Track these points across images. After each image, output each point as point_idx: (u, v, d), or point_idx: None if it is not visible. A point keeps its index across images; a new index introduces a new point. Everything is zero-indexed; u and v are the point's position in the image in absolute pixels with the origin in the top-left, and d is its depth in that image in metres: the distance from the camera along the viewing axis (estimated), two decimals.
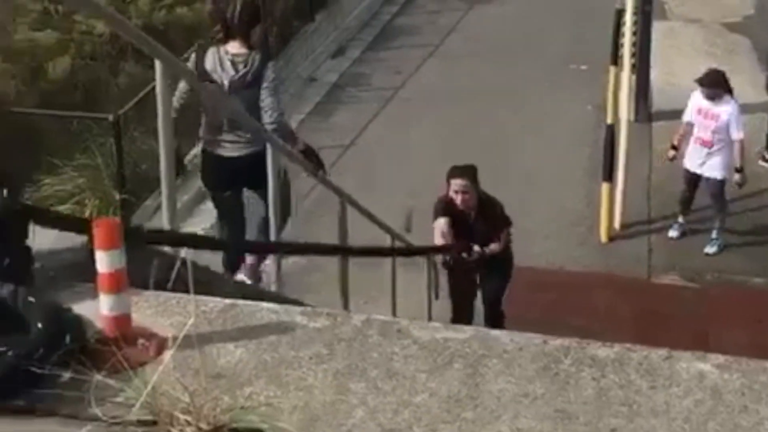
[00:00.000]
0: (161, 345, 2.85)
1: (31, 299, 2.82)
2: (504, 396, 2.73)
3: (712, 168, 10.82)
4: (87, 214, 10.74)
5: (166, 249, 3.78)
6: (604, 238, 11.49)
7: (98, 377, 2.61)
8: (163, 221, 4.62)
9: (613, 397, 2.74)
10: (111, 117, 11.54)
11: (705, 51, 12.71)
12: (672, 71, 14.87)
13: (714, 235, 11.17)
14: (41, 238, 3.18)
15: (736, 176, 10.83)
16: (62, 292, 3.08)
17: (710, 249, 11.12)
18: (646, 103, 13.93)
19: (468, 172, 8.75)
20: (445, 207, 8.74)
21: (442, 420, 2.64)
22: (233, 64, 6.99)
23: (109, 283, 2.85)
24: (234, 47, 7.03)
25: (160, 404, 2.53)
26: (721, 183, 10.92)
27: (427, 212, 8.90)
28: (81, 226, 3.18)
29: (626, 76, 11.83)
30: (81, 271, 3.20)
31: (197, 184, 12.78)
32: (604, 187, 11.49)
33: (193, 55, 7.24)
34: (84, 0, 4.55)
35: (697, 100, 10.85)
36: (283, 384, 2.74)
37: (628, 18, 11.80)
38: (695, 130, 10.86)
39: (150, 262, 3.19)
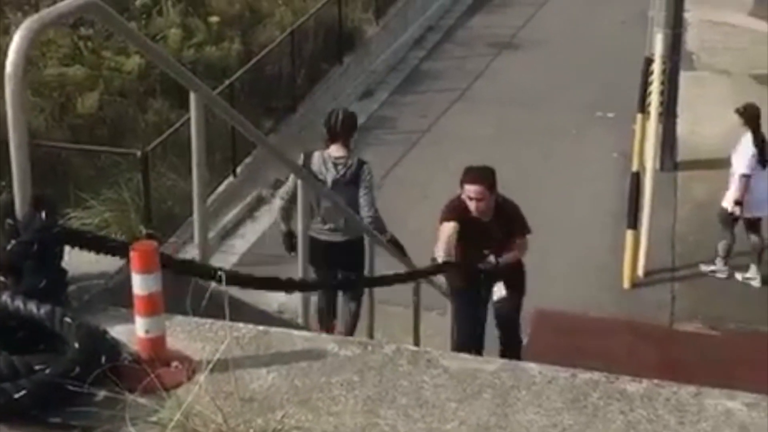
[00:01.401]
0: (194, 368, 2.89)
1: (68, 320, 2.85)
2: (533, 426, 2.75)
3: None
4: None
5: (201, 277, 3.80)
6: (627, 284, 11.49)
7: (132, 397, 2.65)
8: (196, 253, 4.64)
9: (642, 430, 2.76)
10: (139, 153, 11.62)
11: (732, 102, 12.70)
12: (698, 121, 14.92)
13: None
14: (77, 261, 3.23)
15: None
16: (97, 315, 3.12)
17: None
18: (672, 153, 13.95)
19: (483, 177, 7.86)
20: (455, 210, 7.90)
21: None
22: (335, 165, 8.25)
23: (146, 306, 2.89)
24: (336, 150, 8.30)
25: (194, 425, 2.56)
26: None
27: None
28: (118, 249, 3.22)
29: (653, 125, 11.86)
30: (115, 295, 3.25)
31: (223, 220, 12.97)
32: (629, 234, 11.50)
33: (302, 156, 8.37)
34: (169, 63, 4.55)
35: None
36: (314, 409, 2.77)
37: (657, 67, 11.85)
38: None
39: (185, 288, 3.22)
